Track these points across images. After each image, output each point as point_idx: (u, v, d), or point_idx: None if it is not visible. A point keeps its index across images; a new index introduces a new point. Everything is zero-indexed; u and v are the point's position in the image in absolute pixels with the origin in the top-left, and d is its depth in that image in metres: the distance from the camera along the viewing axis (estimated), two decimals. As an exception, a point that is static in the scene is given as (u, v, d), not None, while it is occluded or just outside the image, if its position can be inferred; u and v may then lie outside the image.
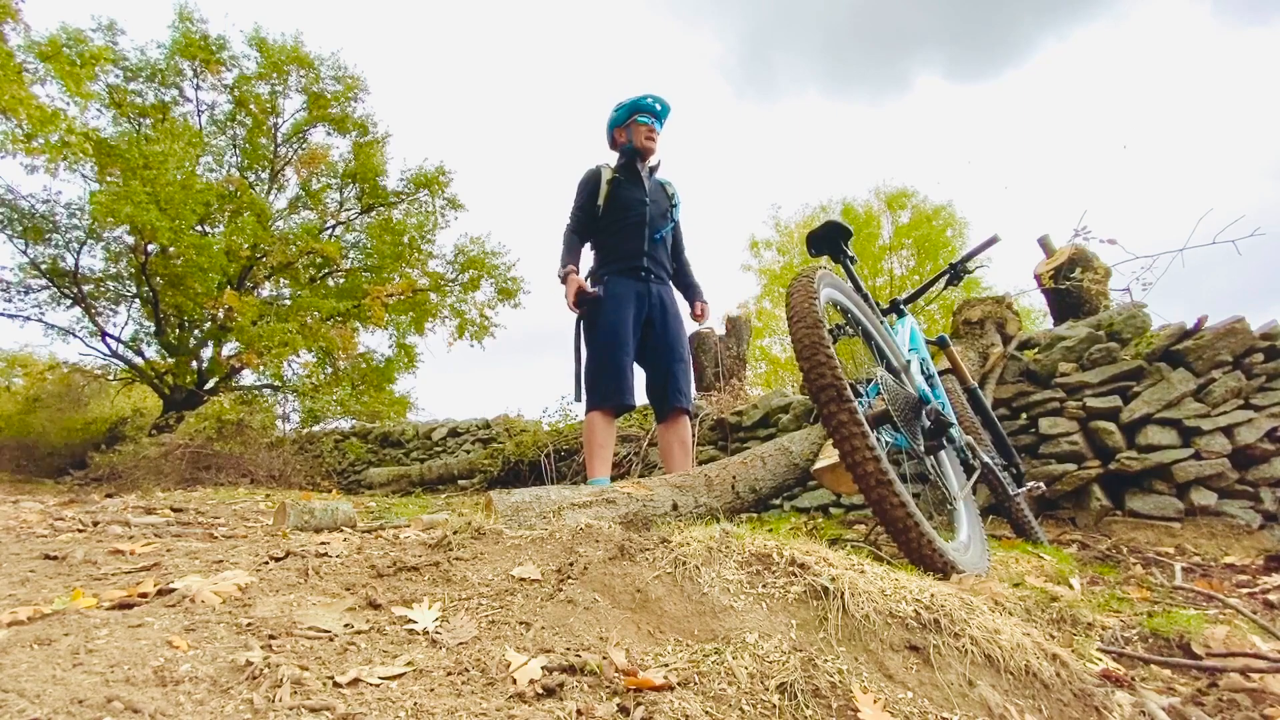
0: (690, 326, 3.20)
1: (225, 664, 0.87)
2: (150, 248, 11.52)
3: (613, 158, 3.19)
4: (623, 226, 3.03)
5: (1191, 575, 2.40)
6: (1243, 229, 3.51)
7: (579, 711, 0.84)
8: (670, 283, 3.16)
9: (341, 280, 13.93)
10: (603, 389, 2.85)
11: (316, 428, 9.93)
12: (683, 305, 3.23)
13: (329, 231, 14.10)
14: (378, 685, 0.87)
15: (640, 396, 2.99)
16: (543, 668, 0.94)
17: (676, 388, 2.95)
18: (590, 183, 3.09)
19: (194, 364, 12.50)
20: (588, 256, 3.16)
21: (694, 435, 4.74)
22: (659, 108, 3.09)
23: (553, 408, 7.46)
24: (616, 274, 3.00)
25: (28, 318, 12.26)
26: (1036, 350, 3.65)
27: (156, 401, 12.82)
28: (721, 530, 1.45)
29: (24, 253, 11.86)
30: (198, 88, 12.83)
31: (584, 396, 2.92)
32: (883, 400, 1.94)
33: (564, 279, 2.97)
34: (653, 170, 3.16)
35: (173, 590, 1.17)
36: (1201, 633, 1.55)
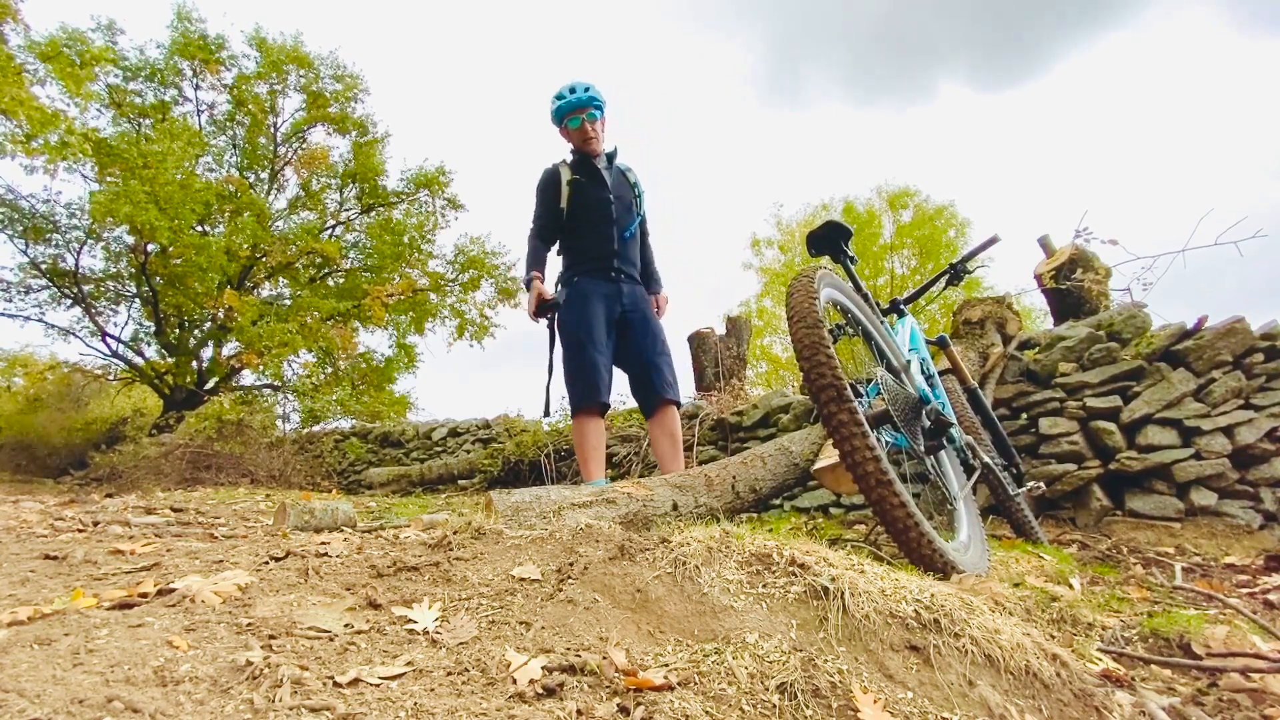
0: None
1: (225, 664, 0.87)
2: (150, 247, 11.53)
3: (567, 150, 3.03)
4: (591, 228, 2.93)
5: (1191, 575, 2.40)
6: (1245, 230, 3.50)
7: (579, 711, 0.84)
8: (641, 282, 3.07)
9: (341, 280, 13.95)
10: (581, 389, 2.79)
11: (316, 428, 9.92)
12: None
13: (329, 231, 14.11)
14: (378, 685, 0.87)
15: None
16: (543, 668, 0.94)
17: (662, 379, 2.86)
18: (550, 186, 2.96)
19: (194, 364, 12.51)
20: (556, 260, 3.06)
21: (695, 435, 4.74)
22: (581, 98, 2.85)
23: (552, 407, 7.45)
24: (586, 274, 2.91)
25: (28, 318, 12.29)
26: (1036, 350, 3.65)
27: (156, 401, 12.83)
28: (721, 530, 1.45)
29: (24, 253, 11.89)
30: (197, 87, 12.87)
31: (563, 402, 2.86)
32: (883, 400, 1.94)
33: (528, 285, 2.86)
34: (611, 159, 3.02)
35: (173, 590, 1.17)
36: (1201, 633, 1.55)
